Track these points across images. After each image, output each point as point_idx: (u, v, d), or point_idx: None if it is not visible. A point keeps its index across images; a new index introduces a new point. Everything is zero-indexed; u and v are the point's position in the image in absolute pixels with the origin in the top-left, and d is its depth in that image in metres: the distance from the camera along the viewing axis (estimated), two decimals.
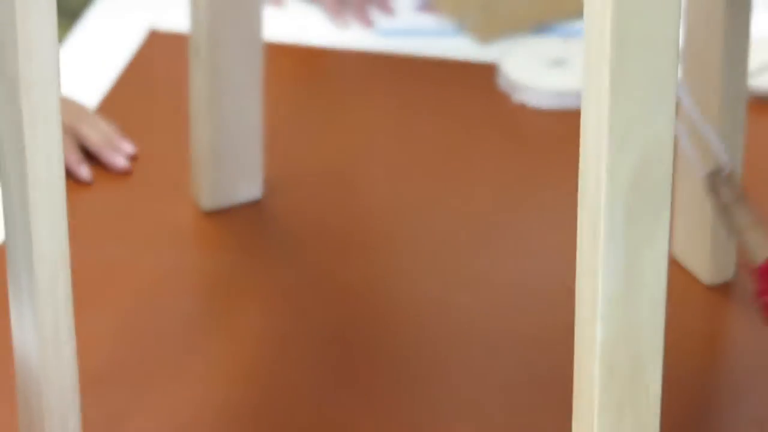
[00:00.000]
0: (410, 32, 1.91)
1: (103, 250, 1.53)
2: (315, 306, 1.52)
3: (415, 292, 1.52)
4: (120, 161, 1.67)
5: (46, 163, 1.24)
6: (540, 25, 1.88)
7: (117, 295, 1.50)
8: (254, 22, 1.57)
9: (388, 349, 1.47)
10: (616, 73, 1.09)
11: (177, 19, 1.58)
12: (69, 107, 1.68)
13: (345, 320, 1.51)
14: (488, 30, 1.87)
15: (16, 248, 1.27)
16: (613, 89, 1.10)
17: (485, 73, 1.80)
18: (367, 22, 1.91)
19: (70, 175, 1.62)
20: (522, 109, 1.74)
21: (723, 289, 1.51)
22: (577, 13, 1.35)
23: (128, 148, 1.69)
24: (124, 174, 1.67)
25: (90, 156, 1.71)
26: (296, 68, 1.83)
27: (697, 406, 1.38)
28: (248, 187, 1.63)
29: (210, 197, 1.62)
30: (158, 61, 1.84)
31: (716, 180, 1.36)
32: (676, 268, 1.49)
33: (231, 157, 1.61)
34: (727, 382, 1.44)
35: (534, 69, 1.77)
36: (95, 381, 1.33)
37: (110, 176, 1.66)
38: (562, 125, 1.15)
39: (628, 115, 1.11)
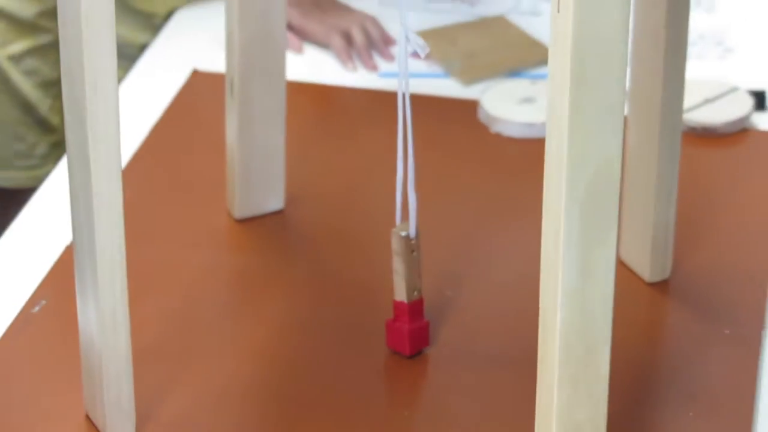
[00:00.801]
0: (411, 75, 1.91)
1: (153, 250, 1.53)
2: (327, 297, 1.51)
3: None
4: None
5: (107, 176, 1.23)
6: (512, 70, 1.88)
7: (164, 287, 1.49)
8: (278, 64, 1.56)
9: (383, 312, 1.45)
10: (574, 108, 1.09)
11: (216, 61, 1.57)
12: None
13: (353, 309, 1.50)
14: (470, 74, 1.87)
15: (82, 248, 1.26)
16: (571, 121, 1.10)
17: (468, 109, 1.80)
18: (372, 66, 1.90)
19: None
20: (498, 137, 1.74)
21: (661, 286, 1.50)
22: (543, 61, 1.35)
23: None
24: (170, 189, 1.66)
25: None
26: (313, 103, 1.83)
27: (639, 382, 1.37)
28: (273, 200, 1.62)
29: (241, 208, 1.61)
30: (200, 95, 1.84)
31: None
32: (622, 268, 1.47)
33: (259, 175, 1.60)
34: (664, 361, 1.44)
35: (508, 105, 1.77)
36: (145, 357, 1.31)
37: (160, 190, 1.66)
38: (531, 151, 1.14)
39: (582, 141, 1.10)
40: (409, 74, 1.40)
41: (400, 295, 1.37)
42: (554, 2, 1.06)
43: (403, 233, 1.36)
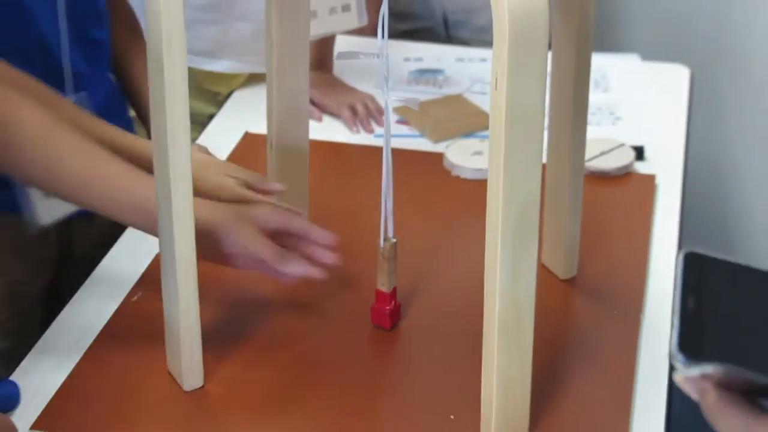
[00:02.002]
0: (393, 136, 1.89)
1: None
2: (328, 289, 1.47)
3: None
4: None
5: (183, 207, 1.23)
6: (467, 132, 1.86)
7: (218, 283, 1.47)
8: (303, 128, 1.55)
9: None
10: (507, 159, 1.10)
11: (261, 126, 1.56)
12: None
13: (347, 297, 1.48)
14: (437, 135, 1.86)
15: (166, 256, 1.27)
16: (505, 168, 1.10)
17: (436, 159, 1.79)
18: (369, 130, 1.90)
19: None
20: (457, 179, 1.74)
21: (570, 282, 1.49)
22: (487, 126, 1.35)
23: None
24: None
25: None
26: (327, 154, 1.82)
27: (553, 348, 1.37)
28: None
29: None
30: (250, 149, 1.83)
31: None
32: (542, 269, 1.46)
33: (290, 201, 1.57)
34: (571, 333, 1.44)
35: (464, 156, 1.76)
36: (207, 331, 1.30)
37: None
38: (480, 188, 1.13)
39: (513, 182, 1.11)
40: (394, 135, 1.41)
41: (382, 285, 1.38)
42: (493, 83, 1.06)
43: (393, 241, 1.37)
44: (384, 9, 1.24)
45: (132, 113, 1.72)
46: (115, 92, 1.67)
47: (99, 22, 1.60)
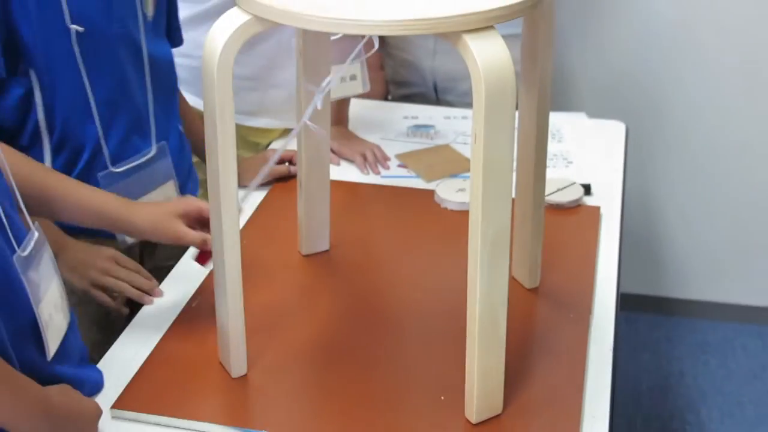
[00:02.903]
0: (395, 177, 1.90)
1: (255, 270, 1.49)
2: (353, 297, 1.48)
3: (396, 295, 1.51)
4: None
5: (231, 234, 1.23)
6: (453, 174, 1.85)
7: (263, 291, 1.47)
8: (325, 171, 1.55)
9: (388, 316, 1.45)
10: (484, 196, 1.09)
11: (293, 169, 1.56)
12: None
13: (368, 300, 1.48)
14: (430, 176, 1.84)
15: (218, 270, 1.26)
16: (483, 203, 1.09)
17: (429, 195, 1.77)
18: (377, 172, 1.89)
19: None
20: (445, 210, 1.73)
21: (534, 290, 1.48)
22: (468, 169, 1.36)
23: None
24: (268, 239, 1.63)
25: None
26: (345, 192, 1.81)
27: (521, 344, 1.36)
28: (322, 244, 1.59)
29: (306, 248, 1.59)
30: (285, 188, 1.81)
31: None
32: (512, 280, 1.45)
33: (315, 231, 1.58)
34: (535, 332, 1.43)
35: (451, 192, 1.75)
36: (252, 329, 1.30)
37: (262, 240, 1.63)
38: (463, 218, 1.13)
39: (489, 214, 1.10)
40: (396, 176, 1.41)
41: None
42: (473, 138, 1.06)
43: None
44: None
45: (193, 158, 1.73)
46: (183, 139, 1.67)
47: (172, 75, 1.61)
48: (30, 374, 1.07)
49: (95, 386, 1.27)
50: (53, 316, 1.16)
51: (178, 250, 1.58)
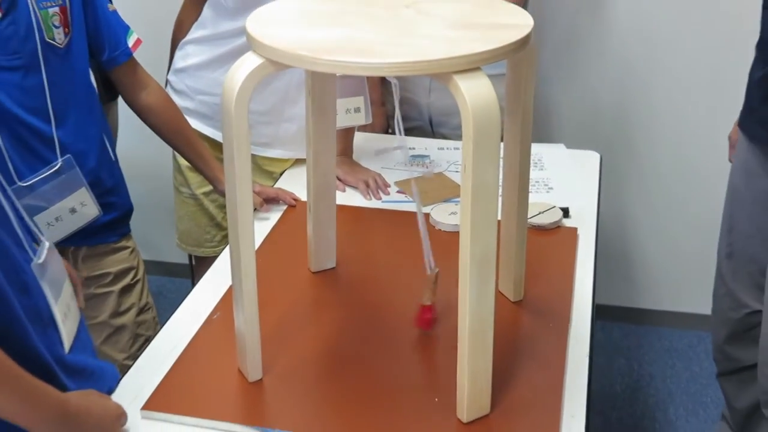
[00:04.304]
0: (394, 201, 1.89)
1: (269, 286, 1.49)
2: (356, 310, 1.47)
3: (395, 307, 1.50)
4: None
5: (247, 253, 1.22)
6: (446, 199, 1.85)
7: (275, 303, 1.46)
8: (331, 196, 1.55)
9: (388, 326, 1.44)
10: (473, 218, 1.08)
11: (303, 194, 1.56)
12: None
13: (378, 311, 1.47)
14: (426, 200, 1.83)
15: (236, 285, 1.25)
16: (472, 225, 1.08)
17: (425, 217, 1.76)
18: (378, 197, 1.88)
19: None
20: (440, 231, 1.72)
21: (518, 303, 1.47)
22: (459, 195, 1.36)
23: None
24: (280, 257, 1.62)
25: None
26: (349, 216, 1.80)
27: (505, 349, 1.35)
28: (329, 262, 1.59)
29: (315, 265, 1.58)
30: (296, 211, 1.80)
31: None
32: (499, 294, 1.46)
33: (323, 250, 1.57)
34: (518, 339, 1.41)
35: (444, 215, 1.75)
36: (266, 338, 1.30)
37: (275, 259, 1.62)
38: (455, 238, 1.12)
39: (477, 234, 1.10)
40: (396, 201, 1.40)
41: (427, 300, 1.38)
42: (462, 168, 1.06)
43: (436, 270, 1.37)
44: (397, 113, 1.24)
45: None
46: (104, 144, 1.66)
47: (82, 93, 1.59)
48: (59, 366, 1.08)
49: (113, 375, 1.27)
50: (67, 314, 1.17)
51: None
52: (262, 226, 1.72)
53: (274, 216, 1.78)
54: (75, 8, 1.51)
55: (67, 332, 1.15)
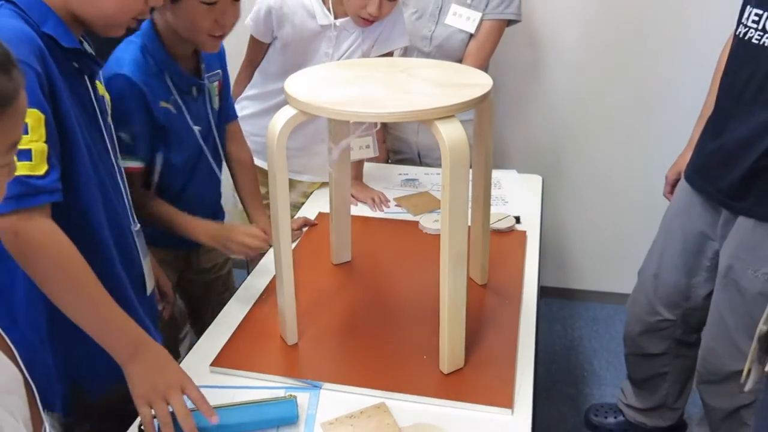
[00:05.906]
0: (394, 213, 1.88)
1: (302, 273, 1.47)
2: (367, 292, 1.45)
3: (395, 290, 1.47)
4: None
5: (285, 248, 1.20)
6: (431, 210, 1.82)
7: (306, 286, 1.42)
8: (347, 209, 1.53)
9: (390, 303, 1.41)
10: (450, 225, 1.05)
11: (327, 208, 1.53)
12: None
13: (378, 293, 1.45)
14: (416, 211, 1.81)
15: (279, 274, 1.23)
16: (450, 230, 1.05)
17: (415, 224, 1.75)
18: (382, 210, 1.86)
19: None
20: (426, 234, 1.70)
21: (483, 286, 1.46)
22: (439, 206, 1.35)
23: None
24: (308, 253, 1.59)
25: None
26: (360, 223, 1.77)
27: (474, 323, 1.33)
28: (346, 257, 1.57)
29: (335, 259, 1.56)
30: (321, 220, 1.78)
31: None
32: (469, 279, 1.44)
33: (341, 248, 1.56)
34: (483, 315, 1.39)
35: (430, 222, 1.73)
36: (301, 313, 1.28)
37: (305, 254, 1.59)
38: (437, 240, 1.11)
39: (453, 237, 1.08)
40: (394, 212, 1.39)
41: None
42: (442, 186, 1.05)
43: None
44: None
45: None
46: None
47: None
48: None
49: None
50: (150, 270, 1.21)
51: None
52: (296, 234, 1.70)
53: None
54: (225, 80, 1.51)
55: (149, 281, 1.15)
